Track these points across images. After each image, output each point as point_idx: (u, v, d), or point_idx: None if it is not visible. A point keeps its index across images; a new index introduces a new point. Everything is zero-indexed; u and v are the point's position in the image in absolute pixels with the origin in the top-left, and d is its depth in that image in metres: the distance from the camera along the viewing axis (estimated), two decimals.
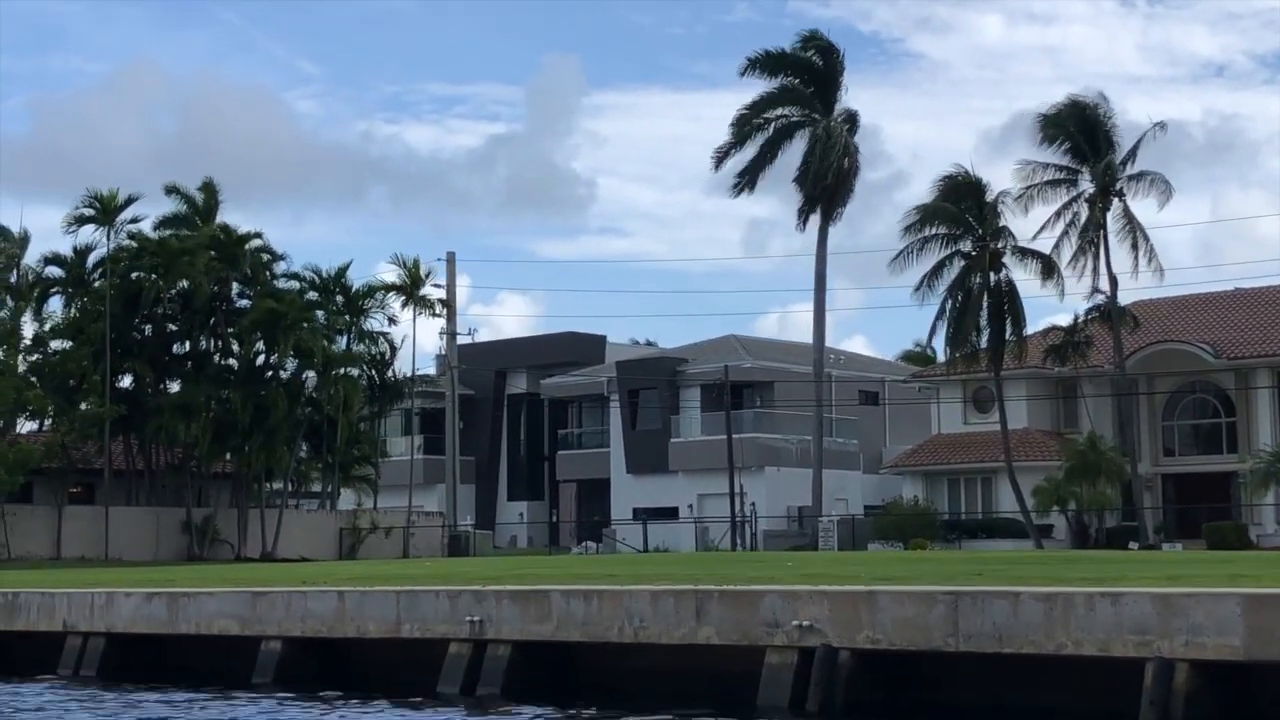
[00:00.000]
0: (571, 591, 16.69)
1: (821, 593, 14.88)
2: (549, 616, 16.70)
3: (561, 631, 16.59)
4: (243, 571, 28.47)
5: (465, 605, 17.40)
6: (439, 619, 17.60)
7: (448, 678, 17.31)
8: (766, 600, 15.15)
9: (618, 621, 16.13)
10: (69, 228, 49.89)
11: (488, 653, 17.14)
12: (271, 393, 50.31)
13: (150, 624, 20.42)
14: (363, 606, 18.35)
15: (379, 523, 54.29)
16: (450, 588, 17.87)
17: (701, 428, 68.67)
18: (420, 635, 17.78)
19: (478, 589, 17.56)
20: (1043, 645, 13.39)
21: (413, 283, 54.11)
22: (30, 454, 44.82)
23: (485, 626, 17.16)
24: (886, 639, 14.30)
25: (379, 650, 18.50)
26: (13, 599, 22.05)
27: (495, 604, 17.16)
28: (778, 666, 14.86)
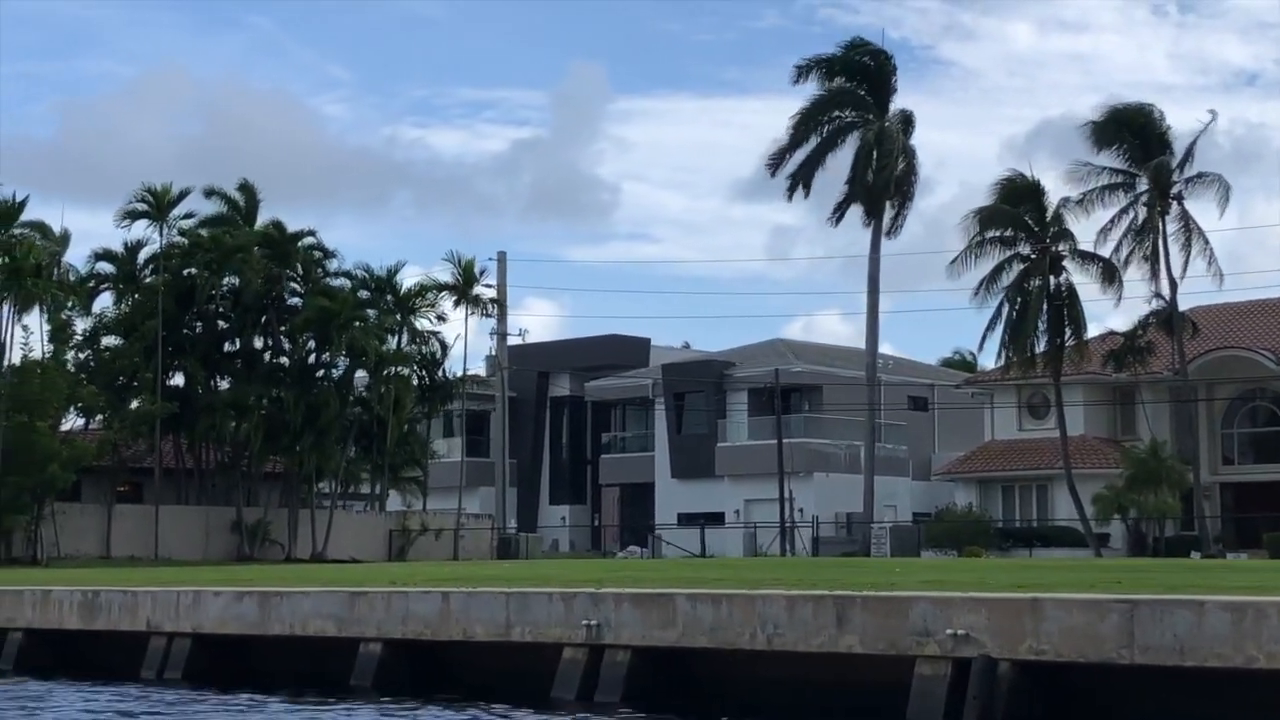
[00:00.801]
0: (698, 596, 15.82)
1: (979, 600, 13.97)
2: (673, 622, 15.83)
3: (687, 637, 15.72)
4: (326, 571, 27.60)
5: (581, 608, 16.55)
6: (552, 622, 16.75)
7: (562, 684, 16.45)
8: (917, 607, 14.25)
9: (749, 628, 15.25)
10: (121, 222, 49.29)
11: (605, 659, 16.28)
12: (323, 392, 49.57)
13: (240, 624, 19.60)
14: (469, 608, 17.50)
15: (429, 524, 53.48)
16: (565, 590, 17.01)
17: (749, 432, 67.79)
18: (532, 639, 16.93)
19: (594, 591, 16.70)
20: (1230, 658, 12.47)
21: (465, 282, 53.31)
22: (84, 451, 44.11)
23: (603, 631, 16.30)
24: (1053, 649, 13.40)
25: (485, 654, 17.64)
26: (92, 598, 21.25)
27: (614, 607, 16.30)
28: (929, 678, 13.96)
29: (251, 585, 20.36)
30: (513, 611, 17.09)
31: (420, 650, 18.20)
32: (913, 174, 59.57)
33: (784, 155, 59.43)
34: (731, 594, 15.62)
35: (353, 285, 52.05)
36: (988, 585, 16.88)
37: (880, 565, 26.09)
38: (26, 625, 21.92)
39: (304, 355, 50.83)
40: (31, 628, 21.89)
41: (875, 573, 21.38)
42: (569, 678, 16.42)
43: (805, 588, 16.45)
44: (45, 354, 45.48)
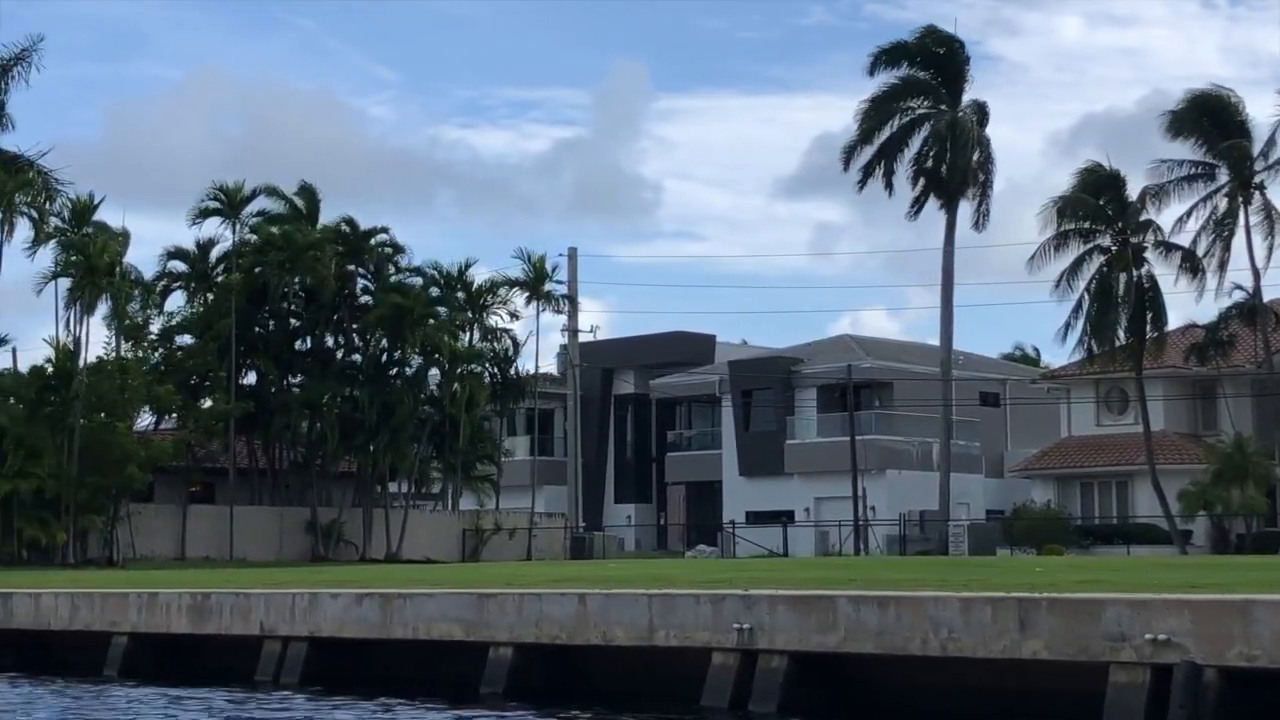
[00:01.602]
0: (862, 598, 14.90)
1: (1181, 602, 12.99)
2: (834, 625, 14.92)
3: (850, 642, 14.80)
4: (441, 572, 26.77)
5: (732, 611, 15.65)
6: (700, 625, 15.86)
7: (713, 691, 15.56)
8: (1110, 610, 13.29)
9: (920, 632, 14.32)
10: (194, 220, 48.72)
11: (759, 664, 15.38)
12: (397, 390, 48.87)
13: (360, 627, 18.81)
14: (608, 610, 16.64)
15: (502, 524, 52.72)
16: (714, 591, 16.12)
17: (818, 429, 66.77)
18: (678, 644, 16.04)
19: (745, 593, 15.81)
20: None
21: (536, 278, 52.52)
22: (161, 451, 43.52)
23: (756, 635, 15.40)
24: (1266, 656, 12.43)
25: (625, 659, 16.79)
26: (202, 600, 20.52)
27: (768, 610, 15.40)
28: (1125, 686, 13.00)
29: (371, 587, 19.56)
30: (656, 614, 16.21)
31: (554, 655, 17.36)
32: (989, 165, 58.50)
33: (856, 147, 58.42)
34: (899, 596, 14.69)
35: (424, 282, 51.37)
36: (1148, 585, 15.92)
37: (1013, 564, 25.08)
38: (132, 629, 21.21)
39: (377, 353, 50.11)
40: (137, 631, 21.18)
41: (1014, 572, 20.38)
42: (720, 685, 15.54)
43: (955, 589, 15.53)
44: (120, 353, 44.90)
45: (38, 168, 44.79)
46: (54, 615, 22.20)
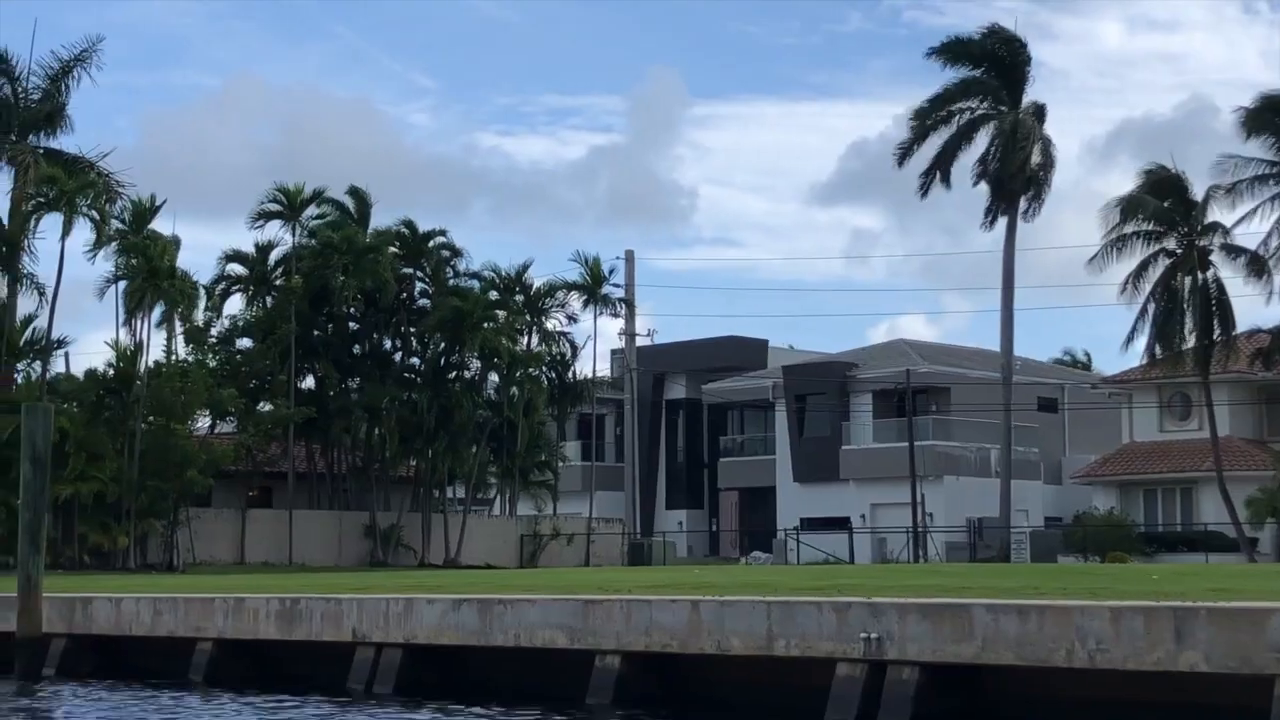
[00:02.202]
0: (1001, 606, 14.15)
1: None
2: (970, 635, 14.18)
3: (988, 653, 14.06)
4: (543, 577, 26.09)
5: (858, 620, 14.94)
6: (824, 635, 15.14)
7: (838, 703, 14.83)
8: (1275, 620, 12.55)
9: (1065, 643, 13.57)
10: (254, 223, 48.32)
11: (888, 676, 14.66)
12: (455, 394, 48.34)
13: (458, 634, 18.17)
14: (723, 618, 15.94)
15: (560, 529, 52.11)
16: (838, 599, 15.41)
17: (874, 435, 65.99)
18: (799, 654, 15.33)
19: (872, 601, 15.09)
20: None
21: (593, 281, 51.92)
22: (222, 455, 43.08)
23: (885, 645, 14.68)
24: None
25: (740, 669, 16.08)
26: (291, 605, 19.92)
27: (898, 619, 14.68)
28: None
29: (470, 593, 18.93)
30: (775, 623, 15.51)
31: (663, 664, 16.69)
32: (1049, 167, 57.62)
33: (912, 147, 57.63)
34: (1041, 605, 13.95)
35: (482, 285, 50.81)
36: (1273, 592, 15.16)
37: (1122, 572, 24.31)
38: (217, 635, 20.62)
39: (436, 356, 49.59)
40: (223, 638, 20.59)
41: (1130, 579, 19.65)
42: (846, 697, 14.82)
43: (1091, 596, 14.80)
44: (180, 356, 44.55)
45: (98, 169, 44.55)
46: (135, 620, 21.65)
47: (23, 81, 44.97)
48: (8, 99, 44.91)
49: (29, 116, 44.76)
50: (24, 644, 21.86)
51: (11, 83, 44.91)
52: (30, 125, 44.85)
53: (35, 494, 22.40)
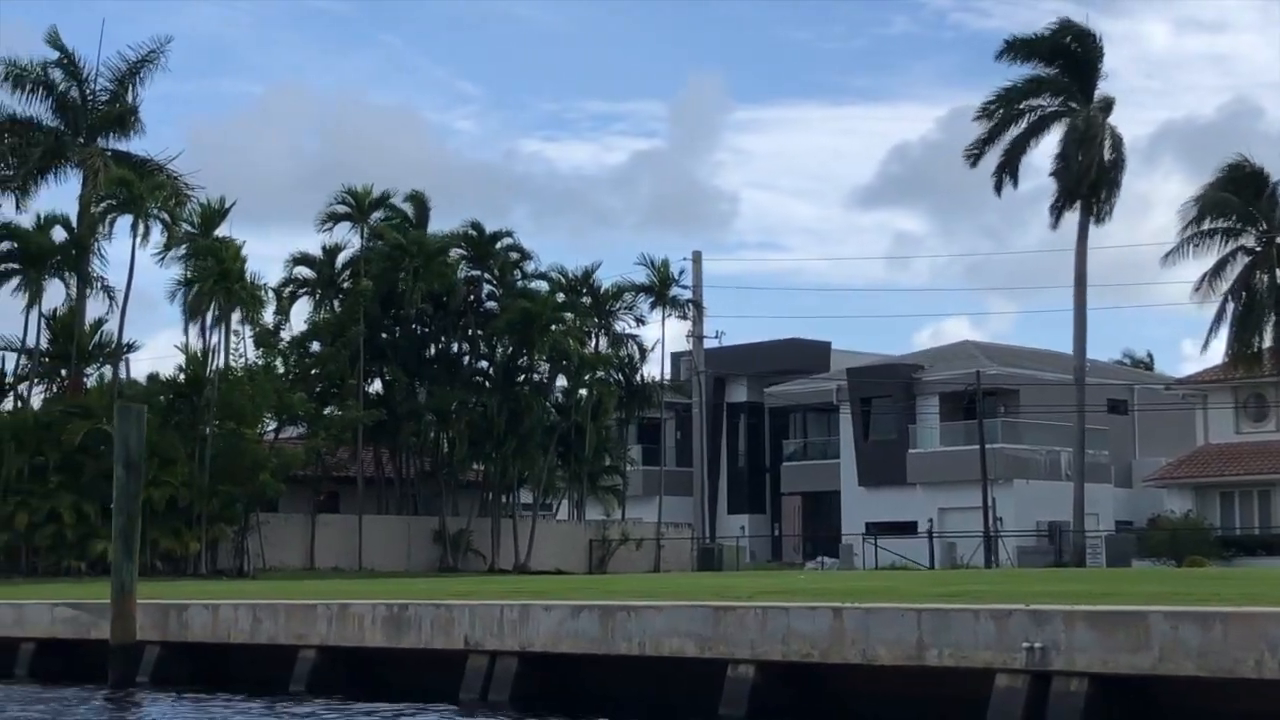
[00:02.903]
0: (1180, 614, 13.24)
1: None
2: (1145, 644, 13.27)
3: (1166, 664, 13.17)
4: (649, 582, 25.19)
5: (1019, 628, 14.05)
6: (981, 644, 14.25)
7: (999, 716, 13.93)
8: None
9: (1254, 653, 12.67)
10: (322, 225, 47.70)
11: (1053, 688, 13.76)
12: (525, 397, 47.59)
13: (578, 642, 17.36)
14: (868, 626, 15.08)
15: (630, 534, 51.28)
16: (997, 606, 14.52)
17: (941, 438, 64.93)
18: (953, 664, 14.46)
19: (1034, 608, 14.19)
20: None
21: (661, 283, 51.09)
22: (293, 459, 42.45)
23: (1049, 655, 13.78)
24: None
25: (884, 680, 15.20)
26: (399, 612, 19.15)
27: (1064, 627, 13.77)
28: None
29: (589, 599, 18.12)
30: (926, 631, 14.63)
31: (802, 674, 15.84)
32: (1121, 164, 56.46)
33: (983, 146, 56.64)
34: (1225, 612, 13.03)
35: (550, 287, 50.07)
36: None
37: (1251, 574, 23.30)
38: (320, 642, 19.87)
39: (506, 359, 48.84)
40: (326, 645, 19.85)
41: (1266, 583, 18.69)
42: (1007, 710, 13.91)
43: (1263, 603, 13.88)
44: (250, 360, 43.99)
45: (168, 172, 44.07)
46: (234, 627, 20.95)
47: (90, 84, 44.62)
48: (75, 101, 44.54)
49: (97, 119, 44.35)
50: (118, 651, 21.19)
51: (79, 85, 44.53)
52: (99, 127, 44.46)
53: (129, 498, 21.76)
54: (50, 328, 43.44)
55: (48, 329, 43.39)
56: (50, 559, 39.86)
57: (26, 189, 44.11)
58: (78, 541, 39.96)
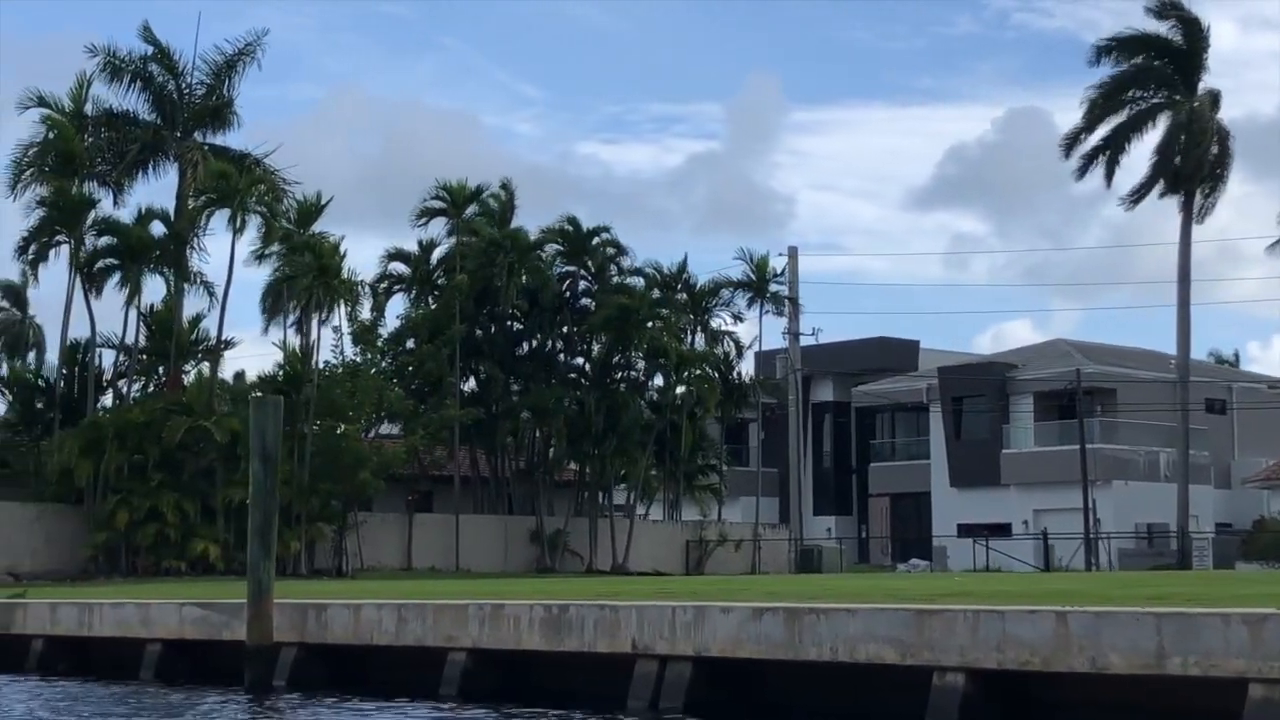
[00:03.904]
0: None
1: None
2: None
3: None
4: (780, 584, 23.90)
5: (1275, 635, 12.79)
6: (1232, 652, 12.97)
7: None
8: None
9: None
10: (417, 220, 46.80)
11: None
12: (623, 395, 46.48)
13: (759, 647, 16.15)
14: (1099, 632, 13.78)
15: (728, 535, 50.06)
16: (1249, 610, 13.23)
17: (1035, 438, 63.40)
18: (1198, 673, 13.16)
19: None
20: None
21: (759, 279, 49.85)
22: (393, 458, 41.50)
23: None
24: None
25: (1114, 689, 13.91)
26: (559, 613, 18.01)
27: None
28: None
29: (774, 600, 16.94)
30: (1167, 638, 13.32)
31: (1016, 684, 14.58)
32: (1227, 157, 54.76)
33: (1078, 136, 55.12)
34: None
35: (646, 283, 48.92)
36: None
37: None
38: (472, 645, 18.75)
39: (603, 356, 47.75)
40: (478, 648, 18.74)
41: None
42: None
43: None
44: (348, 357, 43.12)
45: (265, 166, 43.30)
46: (377, 629, 19.87)
47: (187, 77, 43.92)
48: (172, 95, 43.84)
49: (194, 113, 43.64)
50: (255, 653, 20.19)
51: (175, 78, 43.83)
52: (195, 122, 43.74)
53: (266, 493, 20.71)
54: (148, 324, 42.73)
55: (145, 325, 42.67)
56: (150, 558, 39.09)
57: (123, 184, 43.50)
58: (178, 541, 39.18)
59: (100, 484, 39.27)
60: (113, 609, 23.20)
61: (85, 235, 40.93)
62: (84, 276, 40.70)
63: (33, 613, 24.48)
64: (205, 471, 39.61)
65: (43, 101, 42.34)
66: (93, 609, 23.42)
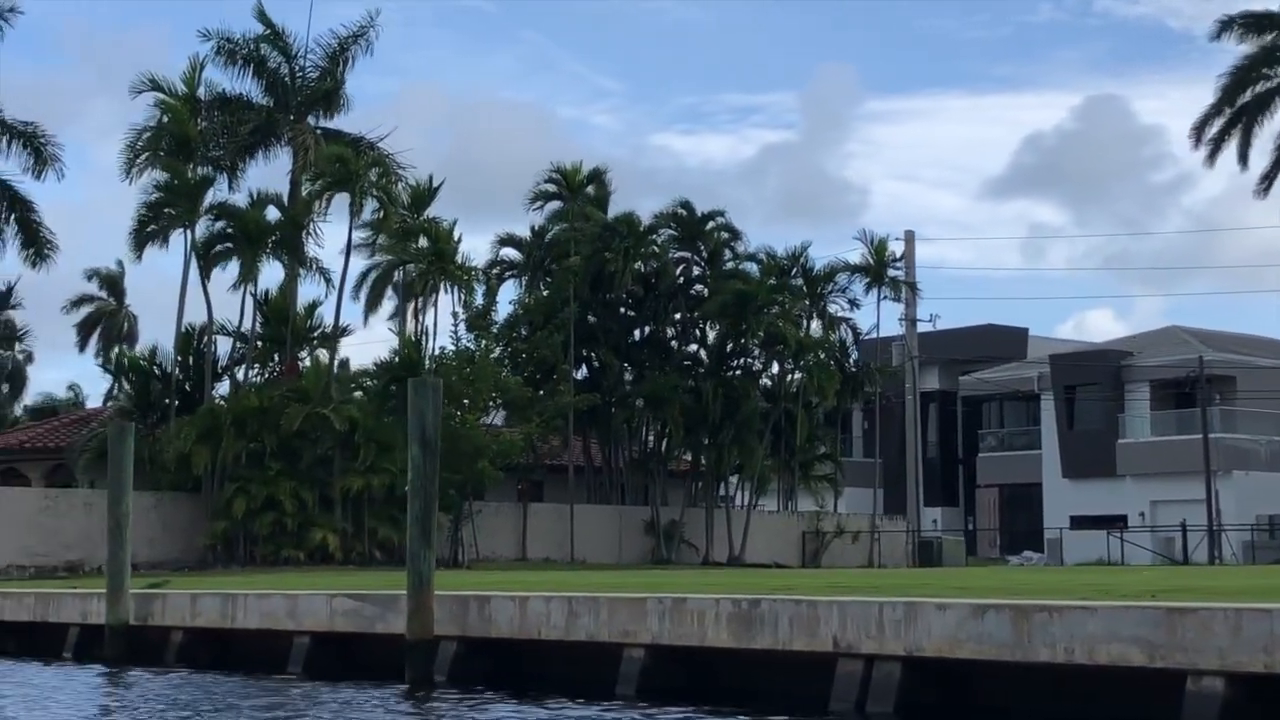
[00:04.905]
0: None
1: None
2: None
3: None
4: (959, 578, 22.67)
5: None
6: None
7: None
8: None
9: None
10: (532, 204, 45.78)
11: None
12: (741, 382, 45.19)
13: (982, 647, 14.82)
14: None
15: (845, 526, 48.67)
16: None
17: (1152, 427, 61.52)
18: None
19: None
20: None
21: (878, 263, 48.38)
22: (512, 446, 40.45)
23: None
24: None
25: None
26: (749, 608, 16.79)
27: None
28: None
29: (992, 597, 15.64)
30: None
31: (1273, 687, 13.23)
32: None
33: (1209, 120, 53.21)
34: None
35: (761, 269, 47.59)
36: None
37: None
38: (651, 640, 17.60)
39: (720, 343, 46.49)
40: (658, 644, 17.56)
41: None
42: None
43: None
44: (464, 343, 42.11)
45: (379, 150, 42.43)
46: (545, 623, 18.74)
47: (299, 60, 43.13)
48: (284, 78, 43.07)
49: (306, 96, 42.84)
50: (415, 647, 19.15)
51: (288, 61, 43.06)
52: (308, 105, 42.93)
53: (426, 479, 19.72)
54: (262, 310, 42.00)
55: (259, 312, 41.94)
56: (268, 548, 38.31)
57: (236, 167, 42.79)
58: (296, 530, 38.39)
59: (218, 472, 38.56)
60: (258, 600, 22.27)
61: (201, 219, 40.18)
62: (200, 261, 39.98)
63: (172, 603, 23.63)
64: (323, 460, 38.78)
65: (156, 85, 41.72)
66: (236, 600, 22.51)
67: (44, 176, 40.41)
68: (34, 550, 37.78)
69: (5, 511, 38.03)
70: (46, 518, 38.12)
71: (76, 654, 24.51)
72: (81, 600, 25.02)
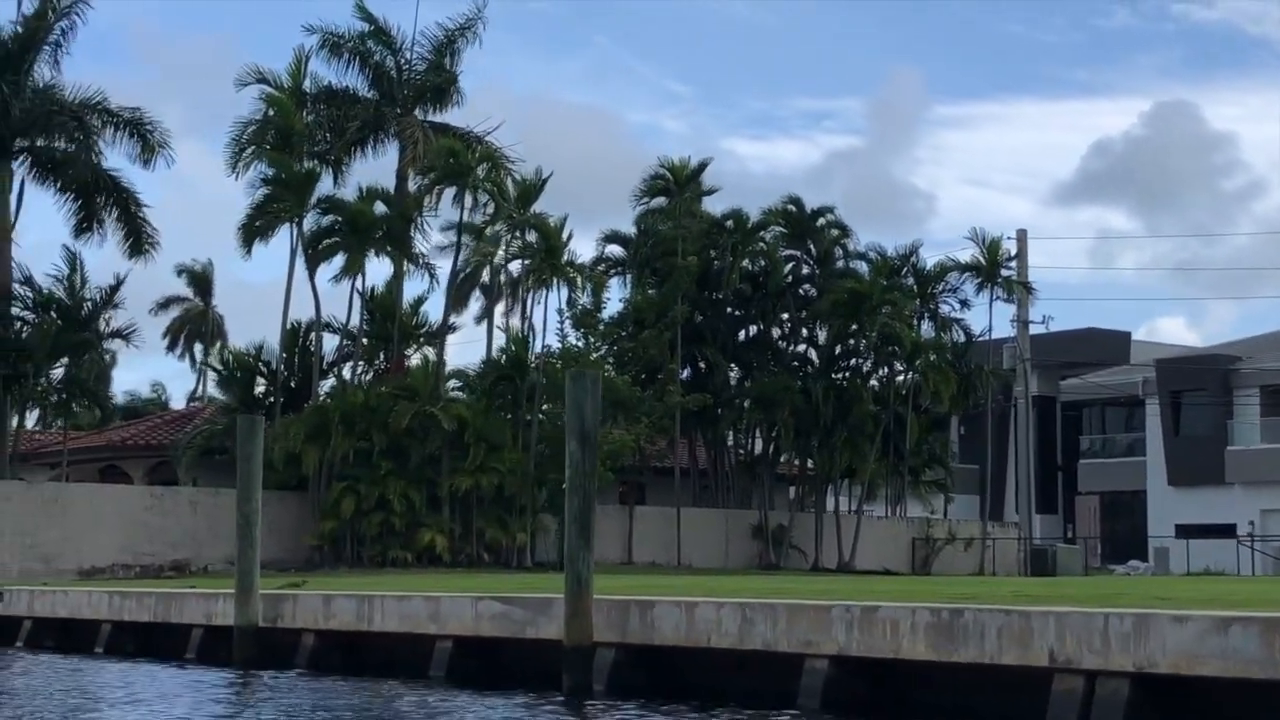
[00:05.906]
0: None
1: None
2: None
3: None
4: (1097, 587, 21.19)
5: None
6: None
7: None
8: None
9: None
10: (639, 200, 44.57)
11: None
12: (854, 384, 43.75)
13: (1228, 664, 13.38)
14: None
15: (956, 533, 47.10)
16: None
17: (1262, 434, 59.53)
18: None
19: None
20: None
21: (990, 263, 46.80)
22: (624, 446, 39.25)
23: None
24: None
25: None
26: (950, 618, 15.44)
27: None
28: None
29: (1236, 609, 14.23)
30: None
31: None
32: None
33: None
34: None
35: (872, 268, 46.13)
36: None
37: None
38: (837, 652, 16.28)
39: (832, 344, 45.08)
40: (845, 655, 16.27)
41: None
42: None
43: None
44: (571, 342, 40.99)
45: (488, 144, 41.42)
46: (716, 631, 17.45)
47: (405, 53, 42.19)
48: (390, 72, 42.14)
49: (414, 89, 41.91)
50: (573, 654, 17.96)
51: (394, 55, 42.13)
52: (416, 98, 41.99)
53: (585, 476, 18.56)
54: (368, 306, 41.06)
55: (365, 308, 40.99)
56: (376, 548, 37.31)
57: (342, 161, 41.90)
58: (404, 530, 37.38)
59: (325, 471, 37.60)
60: (397, 603, 21.16)
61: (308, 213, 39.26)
62: (307, 256, 39.07)
63: (303, 604, 22.56)
64: (431, 459, 37.75)
65: (261, 78, 40.91)
66: (373, 602, 21.41)
67: (153, 164, 39.68)
68: (139, 549, 36.99)
69: (110, 509, 37.28)
70: (152, 516, 37.32)
71: (200, 656, 23.55)
72: (206, 600, 24.05)
